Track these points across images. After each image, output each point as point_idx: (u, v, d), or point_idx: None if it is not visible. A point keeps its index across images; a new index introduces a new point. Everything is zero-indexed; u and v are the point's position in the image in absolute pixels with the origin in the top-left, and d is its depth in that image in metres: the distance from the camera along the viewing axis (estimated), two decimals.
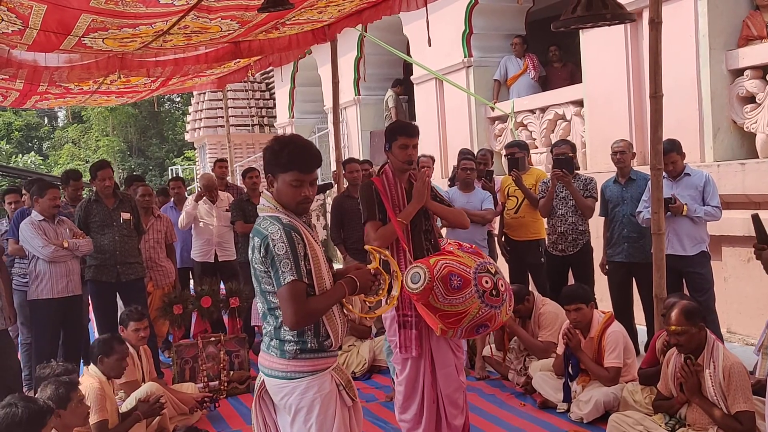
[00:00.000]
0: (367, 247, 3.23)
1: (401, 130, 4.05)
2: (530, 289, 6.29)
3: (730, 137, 6.76)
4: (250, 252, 2.83)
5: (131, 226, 6.28)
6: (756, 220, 3.38)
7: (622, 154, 5.98)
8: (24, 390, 5.67)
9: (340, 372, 2.95)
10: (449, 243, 4.07)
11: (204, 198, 7.60)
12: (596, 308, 5.37)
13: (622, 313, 6.00)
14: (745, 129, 6.63)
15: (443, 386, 4.05)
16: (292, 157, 2.81)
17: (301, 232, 2.78)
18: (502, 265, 6.99)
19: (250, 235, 2.85)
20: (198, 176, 21.96)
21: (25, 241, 5.72)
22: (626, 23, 4.37)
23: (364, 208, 4.10)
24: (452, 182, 6.99)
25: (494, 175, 7.23)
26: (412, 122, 4.27)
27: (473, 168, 6.63)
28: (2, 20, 4.51)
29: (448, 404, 4.06)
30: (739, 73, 6.64)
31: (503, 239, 7.02)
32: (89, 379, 4.49)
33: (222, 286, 7.05)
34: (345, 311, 3.00)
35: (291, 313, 2.71)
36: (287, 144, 2.84)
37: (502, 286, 3.82)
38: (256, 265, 2.80)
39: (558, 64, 9.65)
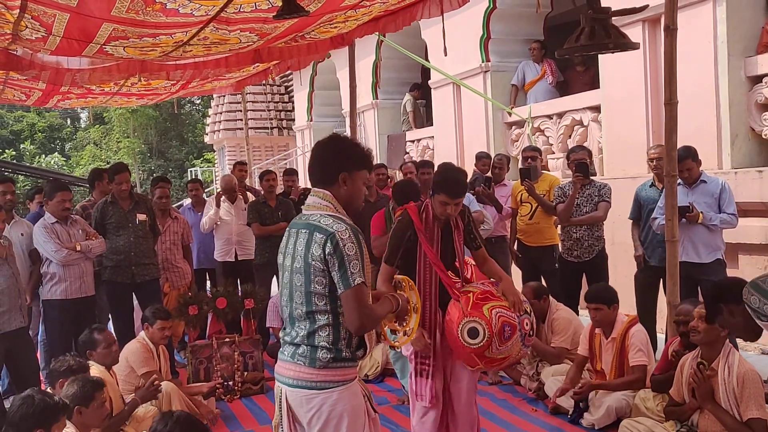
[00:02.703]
0: (398, 277, 3.24)
1: (445, 188, 3.87)
2: None
3: (748, 144, 6.72)
4: (302, 248, 2.70)
5: (147, 227, 6.36)
6: None
7: (659, 161, 5.92)
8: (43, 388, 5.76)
9: (362, 383, 2.90)
10: (482, 282, 4.01)
11: (223, 198, 7.69)
12: None
13: (645, 318, 5.96)
14: (764, 136, 6.59)
15: (455, 403, 4.07)
16: (365, 153, 2.87)
17: (360, 236, 2.73)
18: (514, 271, 7.03)
19: (304, 230, 2.73)
20: (217, 178, 22.15)
21: (38, 244, 5.80)
22: (628, 50, 4.36)
23: (389, 245, 4.01)
24: (471, 186, 7.02)
25: (510, 181, 7.25)
26: (458, 180, 3.98)
27: None
28: (26, 27, 4.58)
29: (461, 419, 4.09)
30: (757, 80, 6.60)
31: (516, 245, 7.04)
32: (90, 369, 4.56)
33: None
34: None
35: (357, 315, 2.64)
36: (356, 142, 2.92)
37: (534, 323, 3.90)
38: (312, 262, 2.67)
39: (581, 67, 9.56)
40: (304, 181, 15.43)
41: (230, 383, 5.99)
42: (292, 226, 2.84)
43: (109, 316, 6.63)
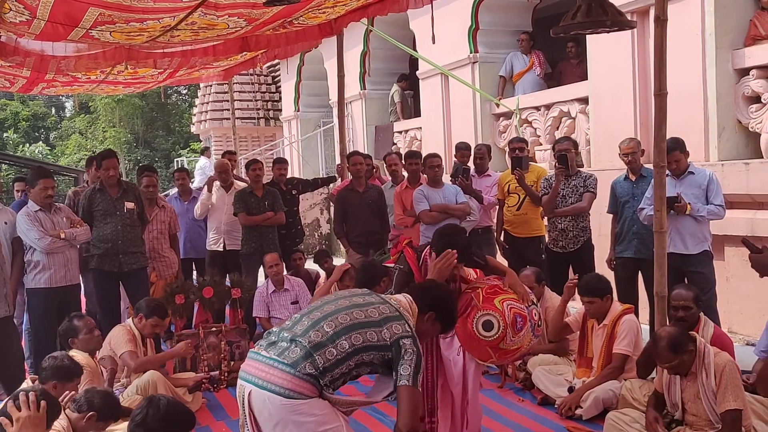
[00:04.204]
0: None
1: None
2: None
3: (735, 137, 6.75)
4: (383, 311, 2.93)
5: (135, 216, 6.30)
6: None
7: (632, 155, 5.94)
8: None
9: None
10: (488, 278, 4.07)
11: (218, 185, 7.63)
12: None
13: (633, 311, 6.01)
14: (750, 129, 6.62)
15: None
16: (456, 318, 3.42)
17: None
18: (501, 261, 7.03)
19: (390, 306, 2.98)
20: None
21: (22, 232, 5.71)
22: (626, 29, 4.37)
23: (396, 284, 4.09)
24: (454, 177, 7.02)
25: (496, 171, 7.25)
26: (464, 244, 4.03)
27: (440, 165, 6.74)
28: (10, 10, 4.53)
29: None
30: (745, 72, 6.63)
31: (502, 236, 7.04)
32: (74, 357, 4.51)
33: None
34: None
35: (411, 416, 2.80)
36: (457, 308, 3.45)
37: (540, 314, 3.99)
38: (384, 326, 2.88)
39: (575, 60, 9.53)
40: (292, 170, 15.39)
41: (216, 373, 5.96)
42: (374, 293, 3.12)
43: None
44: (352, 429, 2.95)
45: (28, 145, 34.02)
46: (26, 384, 4.07)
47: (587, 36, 7.99)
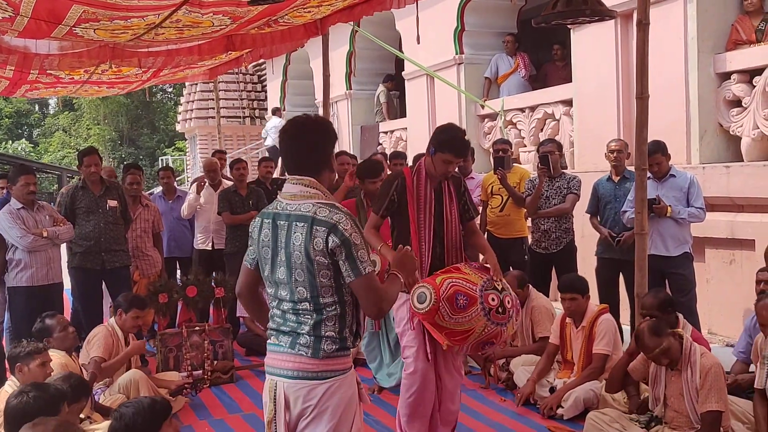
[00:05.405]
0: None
1: (452, 148, 3.93)
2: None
3: (716, 140, 6.82)
4: (300, 242, 2.60)
5: (117, 214, 6.28)
6: None
7: (619, 153, 6.00)
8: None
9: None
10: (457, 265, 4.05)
11: (207, 184, 7.61)
12: None
13: (609, 311, 6.05)
14: (731, 132, 6.69)
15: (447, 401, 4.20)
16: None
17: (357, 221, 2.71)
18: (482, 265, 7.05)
19: (298, 222, 2.62)
20: (188, 167, 21.97)
21: (3, 230, 5.68)
22: (606, 20, 4.42)
23: (377, 197, 4.16)
24: None
25: (479, 174, 7.27)
26: (464, 139, 4.07)
27: None
28: None
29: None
30: (726, 76, 6.70)
31: (485, 237, 7.06)
32: (51, 357, 4.50)
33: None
34: None
35: (374, 302, 2.64)
36: (329, 121, 3.00)
37: (508, 302, 3.84)
38: (316, 257, 2.59)
39: (560, 62, 9.61)
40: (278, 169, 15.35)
41: (199, 372, 5.94)
42: (277, 218, 2.71)
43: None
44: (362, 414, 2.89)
45: (11, 142, 33.77)
46: (8, 383, 4.07)
47: (572, 38, 8.09)
